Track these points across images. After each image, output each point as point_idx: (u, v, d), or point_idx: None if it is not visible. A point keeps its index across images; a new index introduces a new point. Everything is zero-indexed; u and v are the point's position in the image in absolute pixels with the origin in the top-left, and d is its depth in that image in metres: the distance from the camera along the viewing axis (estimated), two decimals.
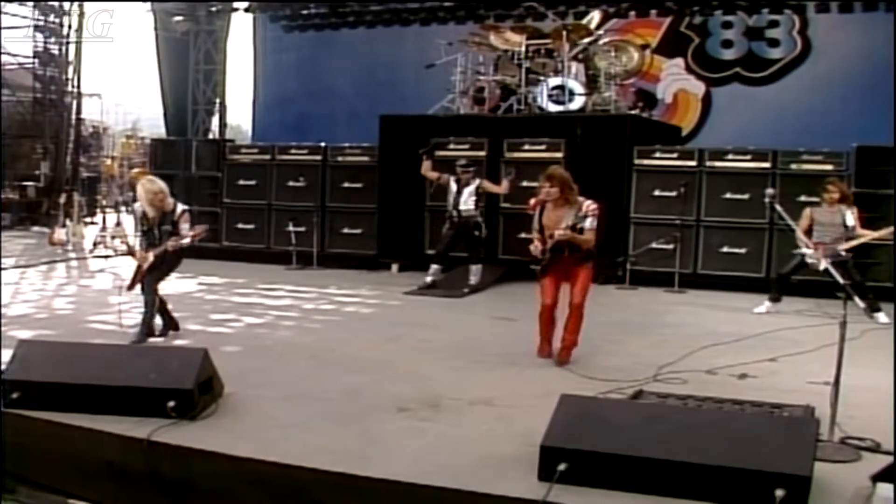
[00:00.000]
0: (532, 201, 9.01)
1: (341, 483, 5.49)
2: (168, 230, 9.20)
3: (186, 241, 9.17)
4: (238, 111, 31.36)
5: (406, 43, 22.59)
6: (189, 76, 25.15)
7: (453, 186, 13.62)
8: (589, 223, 8.63)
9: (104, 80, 42.43)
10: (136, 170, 32.10)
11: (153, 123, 31.40)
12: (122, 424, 6.19)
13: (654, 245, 14.22)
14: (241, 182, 17.00)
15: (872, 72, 18.73)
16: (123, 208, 25.70)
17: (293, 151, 16.97)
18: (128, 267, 9.59)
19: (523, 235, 14.15)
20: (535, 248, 8.73)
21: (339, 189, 16.46)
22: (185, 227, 9.20)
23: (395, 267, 15.79)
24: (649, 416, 5.72)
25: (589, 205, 8.63)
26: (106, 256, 17.46)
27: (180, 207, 9.35)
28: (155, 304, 9.45)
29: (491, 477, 5.39)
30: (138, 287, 9.30)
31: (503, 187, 13.84)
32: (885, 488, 4.86)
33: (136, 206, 9.55)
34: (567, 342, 8.77)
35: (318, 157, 16.67)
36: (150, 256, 9.19)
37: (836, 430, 5.99)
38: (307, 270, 15.50)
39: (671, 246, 14.12)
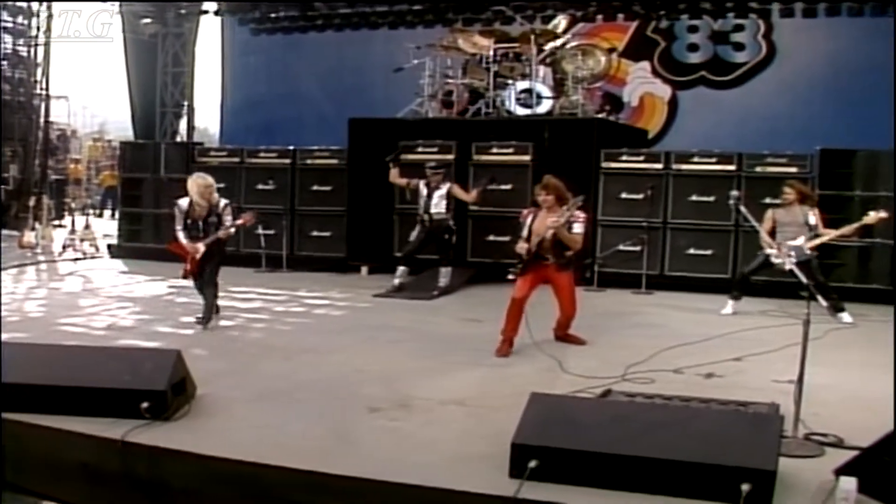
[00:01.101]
0: (524, 211, 9.64)
1: (314, 482, 5.54)
2: (214, 222, 10.20)
3: (233, 229, 10.33)
4: (206, 114, 31.23)
5: (375, 47, 22.57)
6: (157, 79, 25.05)
7: (423, 190, 13.60)
8: (577, 227, 9.24)
9: (71, 83, 42.22)
10: (105, 173, 32.11)
11: (120, 126, 31.25)
12: (96, 425, 6.21)
13: (621, 247, 14.26)
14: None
15: (836, 76, 18.99)
16: (91, 211, 25.76)
17: (262, 154, 16.91)
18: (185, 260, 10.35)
19: (492, 238, 14.41)
20: (522, 247, 9.21)
21: (309, 192, 16.43)
22: (228, 219, 10.24)
23: (364, 269, 15.77)
24: (618, 413, 5.82)
25: (578, 214, 9.20)
26: (75, 259, 17.39)
27: (223, 201, 10.37)
28: (217, 292, 10.48)
29: (462, 474, 5.46)
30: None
31: (472, 195, 13.84)
32: (847, 481, 4.96)
33: (181, 202, 10.38)
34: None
35: (288, 161, 16.64)
36: (201, 247, 10.17)
37: (800, 427, 6.10)
38: (277, 273, 15.49)
39: (638, 248, 14.15)
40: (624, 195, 14.50)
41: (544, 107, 15.66)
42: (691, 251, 14.18)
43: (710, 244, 14.09)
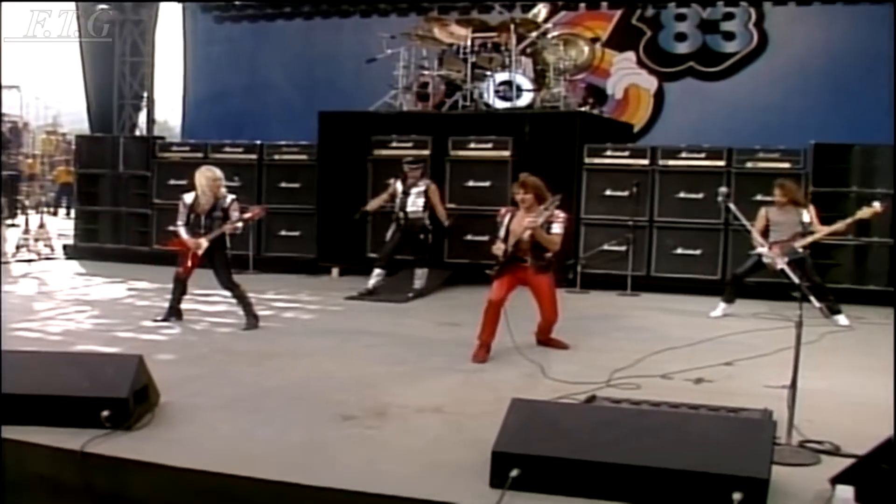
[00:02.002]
0: (502, 210, 9.70)
1: (285, 493, 5.52)
2: (219, 217, 10.55)
3: (240, 224, 10.71)
4: (167, 107, 31.10)
5: (346, 36, 22.55)
6: (114, 69, 24.85)
7: (399, 187, 13.61)
8: (556, 228, 9.32)
9: (23, 72, 41.97)
10: (60, 168, 31.94)
11: (75, 118, 31.05)
12: (53, 436, 6.16)
13: (605, 247, 14.37)
14: (172, 182, 16.74)
15: (832, 66, 19.00)
16: (45, 209, 25.60)
17: (227, 150, 16.89)
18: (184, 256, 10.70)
19: (470, 238, 14.42)
20: (498, 248, 9.29)
21: (276, 189, 16.43)
22: (234, 214, 10.60)
23: (335, 271, 15.81)
24: (603, 419, 5.84)
25: (557, 213, 9.28)
26: (29, 260, 17.33)
27: (230, 196, 10.69)
28: (244, 293, 10.81)
29: (441, 484, 5.47)
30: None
31: (444, 216, 13.79)
32: (844, 490, 5.00)
33: (186, 196, 10.75)
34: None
35: (254, 156, 16.66)
36: (204, 242, 10.49)
37: (794, 434, 6.14)
38: (243, 275, 15.23)
39: (623, 248, 14.28)
40: (608, 192, 14.60)
41: (524, 100, 15.71)
42: (679, 251, 14.29)
43: (698, 243, 14.20)
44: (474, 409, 7.18)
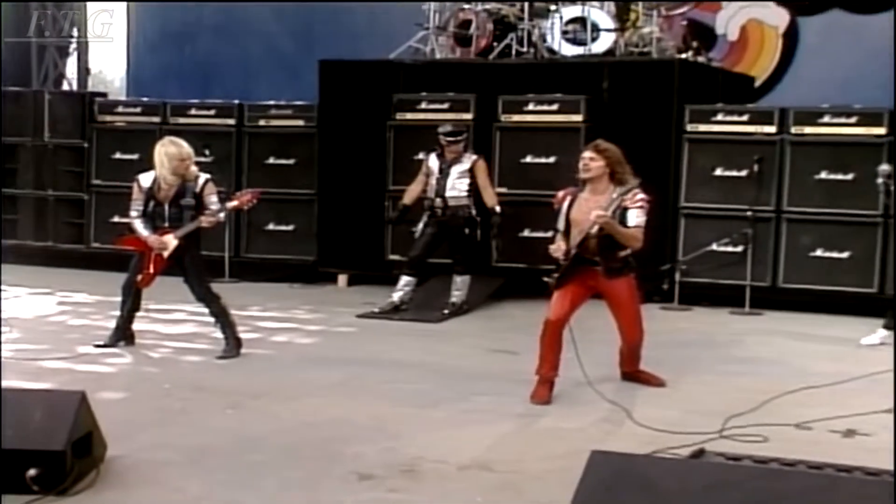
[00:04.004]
0: (559, 193, 9.56)
1: None
2: (189, 205, 10.54)
3: (223, 214, 10.84)
4: (104, 52, 31.04)
5: None
6: None
7: (434, 164, 13.63)
8: (634, 218, 9.14)
9: None
10: None
11: None
12: None
13: (714, 247, 14.32)
14: (118, 156, 16.86)
15: None
16: None
17: (194, 112, 16.99)
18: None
19: (527, 234, 14.43)
20: (557, 248, 9.21)
21: (262, 167, 16.50)
22: (212, 199, 10.66)
23: (342, 279, 15.93)
24: (716, 482, 5.85)
25: (635, 194, 9.11)
26: None
27: (203, 176, 10.73)
28: (225, 309, 10.86)
29: None
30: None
31: (496, 204, 13.70)
32: None
33: (143, 177, 10.80)
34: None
35: (231, 121, 16.75)
36: (172, 240, 10.54)
37: None
38: (216, 283, 15.38)
39: (739, 248, 14.21)
40: (718, 171, 14.53)
41: (603, 44, 15.74)
42: (818, 253, 14.12)
43: (846, 243, 14.04)
44: (536, 466, 7.25)
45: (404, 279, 13.68)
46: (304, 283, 15.71)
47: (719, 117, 14.71)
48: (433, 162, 13.68)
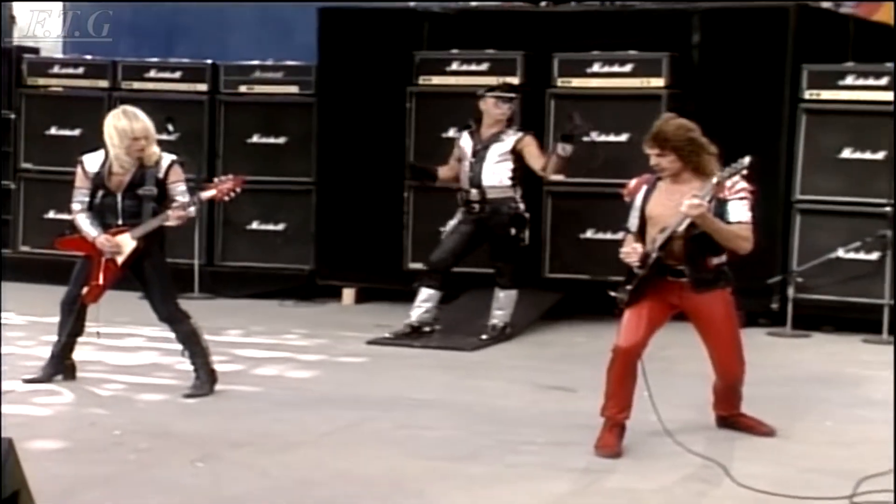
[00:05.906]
0: (632, 183, 9.45)
1: None
2: (150, 195, 10.54)
3: (193, 208, 10.88)
4: None
5: None
6: None
7: (467, 144, 13.52)
8: (738, 211, 9.00)
9: None
10: None
11: None
12: None
13: (840, 254, 14.26)
14: (54, 131, 17.08)
15: None
16: None
17: (153, 75, 17.16)
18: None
19: (590, 235, 14.45)
20: (631, 252, 9.16)
21: (243, 146, 16.70)
22: (179, 188, 10.71)
23: (348, 294, 15.98)
24: None
25: (735, 183, 8.93)
26: None
27: (167, 158, 10.71)
28: (199, 332, 10.96)
29: None
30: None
31: (548, 164, 13.51)
32: None
33: (89, 159, 10.80)
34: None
35: (202, 87, 16.93)
36: (129, 241, 10.59)
37: None
38: (184, 299, 15.48)
39: (874, 256, 14.15)
40: (846, 154, 14.39)
41: None
42: None
43: None
44: None
45: (425, 292, 13.49)
46: (299, 299, 15.72)
47: (849, 81, 14.43)
48: (465, 141, 13.47)
